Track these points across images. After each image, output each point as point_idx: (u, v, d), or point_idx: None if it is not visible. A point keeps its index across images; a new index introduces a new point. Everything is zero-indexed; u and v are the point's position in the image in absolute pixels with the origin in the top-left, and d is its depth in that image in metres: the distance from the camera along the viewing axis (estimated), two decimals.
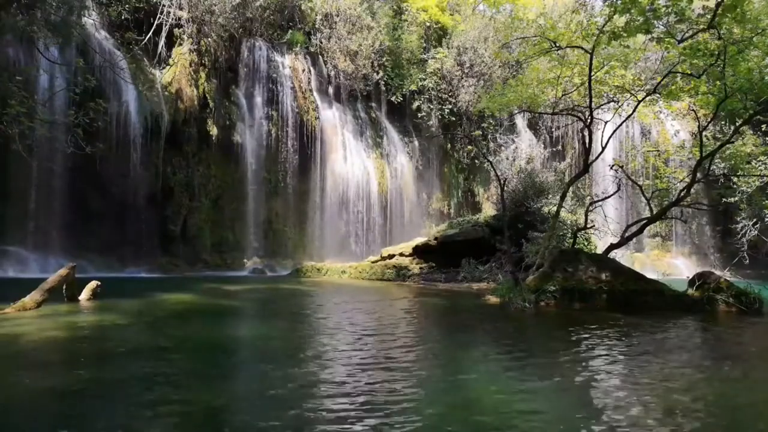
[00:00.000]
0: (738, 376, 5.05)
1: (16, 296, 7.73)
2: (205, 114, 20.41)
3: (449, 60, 26.13)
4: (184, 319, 8.04)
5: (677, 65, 11.12)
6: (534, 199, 16.83)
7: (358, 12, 24.64)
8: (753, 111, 11.02)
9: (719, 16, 9.42)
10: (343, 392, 4.02)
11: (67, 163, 15.55)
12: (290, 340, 6.45)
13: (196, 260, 19.54)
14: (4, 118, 11.09)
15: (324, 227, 22.99)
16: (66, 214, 16.41)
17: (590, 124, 12.23)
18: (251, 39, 22.40)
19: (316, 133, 23.03)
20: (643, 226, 12.97)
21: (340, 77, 24.42)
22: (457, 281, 15.34)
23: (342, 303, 10.92)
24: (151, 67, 19.50)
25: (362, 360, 5.20)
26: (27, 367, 4.77)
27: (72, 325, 7.01)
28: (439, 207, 27.07)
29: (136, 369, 4.68)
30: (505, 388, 4.33)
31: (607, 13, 10.40)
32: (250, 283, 15.12)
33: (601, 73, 12.18)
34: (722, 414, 3.89)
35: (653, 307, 9.39)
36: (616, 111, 13.30)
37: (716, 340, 7.35)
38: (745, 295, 9.54)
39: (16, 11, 13.28)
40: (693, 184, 11.81)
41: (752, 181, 16.92)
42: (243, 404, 3.84)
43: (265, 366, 5.11)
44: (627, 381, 4.61)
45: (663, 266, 24.35)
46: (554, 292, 9.67)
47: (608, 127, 12.74)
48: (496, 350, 6.23)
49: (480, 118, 25.91)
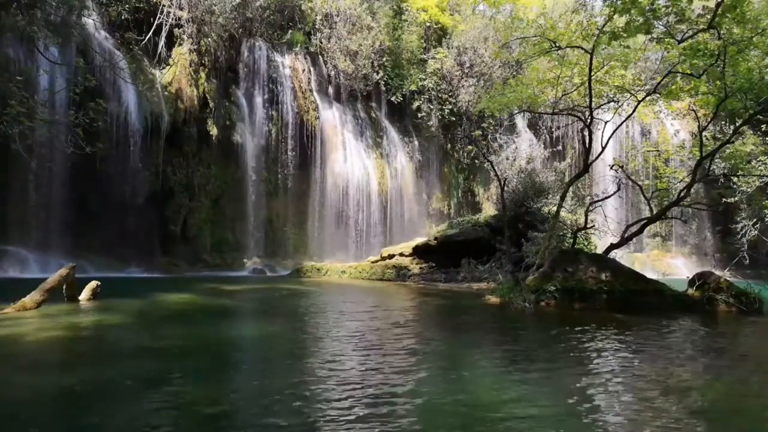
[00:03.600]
0: (738, 376, 5.04)
1: (16, 296, 7.73)
2: (205, 114, 20.42)
3: (449, 60, 26.14)
4: (184, 319, 8.03)
5: (677, 65, 11.11)
6: (534, 199, 16.82)
7: (358, 12, 24.64)
8: (753, 111, 11.02)
9: (719, 16, 9.42)
10: (342, 392, 4.01)
11: (67, 163, 15.56)
12: (290, 340, 6.45)
13: (196, 260, 19.54)
14: (4, 118, 11.09)
15: (324, 227, 22.99)
16: (66, 214, 16.42)
17: (590, 124, 12.23)
18: (251, 39, 22.41)
19: (316, 133, 23.04)
20: (643, 226, 12.97)
21: (340, 77, 24.43)
22: (457, 281, 15.34)
23: (342, 303, 10.91)
24: (151, 67, 19.50)
25: (362, 360, 5.20)
26: (27, 367, 4.77)
27: (72, 325, 7.00)
28: (439, 207, 27.08)
29: (136, 369, 4.68)
30: (505, 388, 4.33)
31: (607, 13, 10.39)
32: (250, 283, 15.12)
33: (601, 73, 12.17)
34: (722, 414, 3.89)
35: (653, 307, 9.38)
36: (616, 111, 13.29)
37: (716, 341, 7.35)
38: (745, 295, 9.54)
39: (16, 11, 13.29)
40: (693, 184, 11.80)
41: (752, 181, 16.91)
42: (243, 404, 3.84)
43: (265, 366, 5.11)
44: (627, 381, 4.60)
45: (663, 266, 24.39)
46: (554, 292, 9.66)
47: (608, 127, 12.73)
48: (496, 350, 6.22)
49: (480, 118, 25.91)
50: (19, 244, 15.61)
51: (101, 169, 16.58)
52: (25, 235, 15.82)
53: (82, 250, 15.98)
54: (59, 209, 16.43)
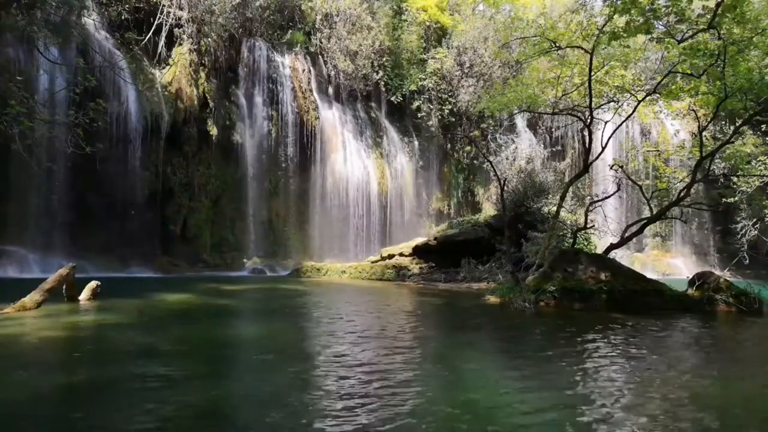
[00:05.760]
0: (737, 376, 5.04)
1: (16, 296, 7.72)
2: (205, 114, 20.42)
3: (449, 60, 26.14)
4: (184, 319, 8.04)
5: (677, 65, 11.11)
6: (534, 199, 16.82)
7: (358, 12, 24.65)
8: (753, 111, 11.03)
9: (719, 16, 9.42)
10: (342, 392, 4.02)
11: (67, 163, 15.57)
12: (290, 341, 6.45)
13: (196, 260, 19.54)
14: (4, 118, 11.08)
15: (324, 227, 23.00)
16: (66, 214, 16.42)
17: (590, 124, 12.22)
18: (251, 39, 22.41)
19: (316, 133, 23.04)
20: (643, 226, 12.97)
21: (340, 77, 24.43)
22: (457, 281, 15.34)
23: (342, 303, 10.91)
24: (151, 67, 19.50)
25: (362, 360, 5.20)
26: (27, 367, 4.76)
27: (72, 325, 7.01)
28: (439, 207, 27.08)
29: (135, 369, 4.68)
30: (504, 388, 4.33)
31: (607, 13, 10.40)
32: (250, 283, 15.12)
33: (601, 73, 12.17)
34: (722, 414, 3.89)
35: (653, 307, 9.38)
36: (616, 111, 13.29)
37: (715, 341, 7.35)
38: (745, 295, 9.54)
39: (16, 11, 13.29)
40: (693, 184, 11.81)
41: (752, 181, 16.93)
42: (243, 404, 3.83)
43: (265, 366, 5.11)
44: (627, 382, 4.61)
45: (663, 266, 24.37)
46: (554, 292, 9.66)
47: (608, 127, 12.73)
48: (496, 351, 6.23)
49: (480, 118, 25.92)
50: (19, 244, 15.61)
51: (101, 169, 16.57)
52: (25, 235, 15.81)
53: (82, 249, 15.98)
54: (59, 209, 16.43)
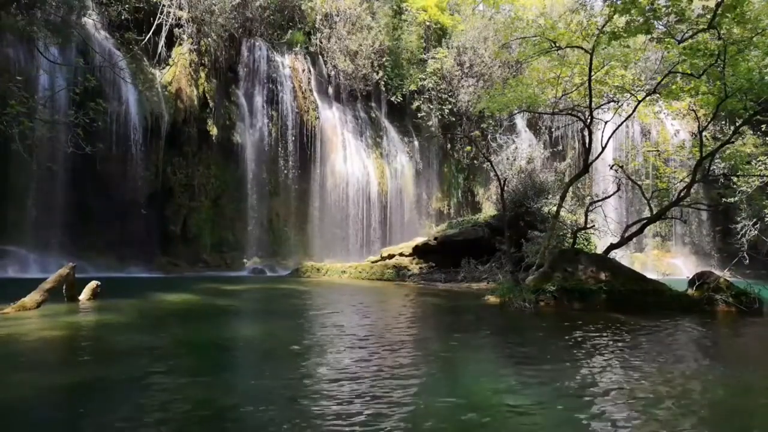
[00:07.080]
0: (737, 376, 5.04)
1: (16, 296, 7.73)
2: (205, 114, 20.42)
3: (449, 60, 26.14)
4: (184, 319, 8.04)
5: (677, 65, 11.10)
6: (534, 199, 16.81)
7: (358, 12, 24.65)
8: (753, 111, 11.01)
9: (719, 16, 9.42)
10: (341, 392, 4.02)
11: (67, 163, 15.56)
12: (289, 340, 6.44)
13: (196, 260, 19.55)
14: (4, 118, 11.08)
15: (324, 227, 22.99)
16: (66, 214, 16.42)
17: (590, 124, 12.22)
18: (251, 39, 22.41)
19: (316, 133, 23.04)
20: (643, 226, 12.97)
21: (340, 77, 24.43)
22: (457, 281, 15.33)
23: (342, 303, 10.91)
24: (151, 67, 19.50)
25: (361, 360, 5.20)
26: (27, 366, 4.77)
27: (72, 325, 7.01)
28: (439, 207, 27.08)
29: (135, 369, 4.68)
30: (503, 388, 4.33)
31: (607, 13, 10.40)
32: (250, 283, 15.12)
33: (601, 73, 12.16)
34: (721, 414, 3.89)
35: (653, 307, 9.38)
36: (616, 111, 13.29)
37: (715, 341, 7.35)
38: (745, 295, 9.54)
39: (16, 11, 13.29)
40: (693, 184, 11.80)
41: (752, 181, 16.92)
42: (242, 403, 3.84)
43: (265, 366, 5.11)
44: (626, 382, 4.60)
45: (663, 266, 24.36)
46: (554, 292, 9.66)
47: (608, 127, 12.73)
48: (496, 351, 6.23)
49: (480, 118, 25.92)
50: (19, 244, 15.61)
51: (101, 169, 16.57)
52: (25, 235, 15.81)
53: (81, 249, 15.97)
54: (59, 209, 16.42)
